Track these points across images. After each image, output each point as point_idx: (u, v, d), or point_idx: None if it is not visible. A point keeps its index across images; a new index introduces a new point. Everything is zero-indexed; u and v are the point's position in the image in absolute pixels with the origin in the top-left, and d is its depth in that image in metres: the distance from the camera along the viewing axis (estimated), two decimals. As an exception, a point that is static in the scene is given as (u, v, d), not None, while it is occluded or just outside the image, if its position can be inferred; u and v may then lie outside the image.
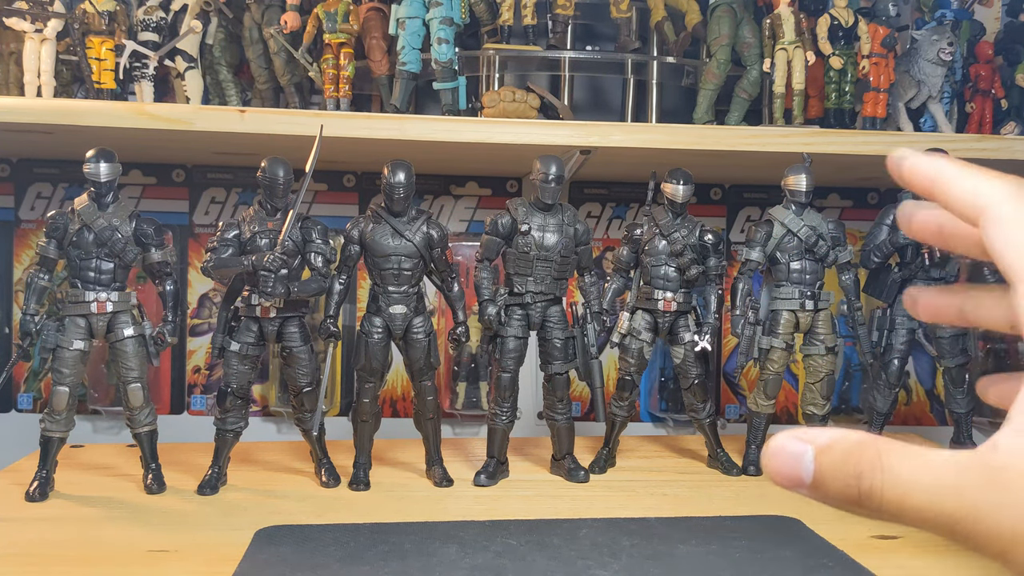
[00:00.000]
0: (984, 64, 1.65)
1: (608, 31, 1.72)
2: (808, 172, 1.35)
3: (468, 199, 1.85)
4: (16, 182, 1.76)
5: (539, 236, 1.30)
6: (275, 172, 1.23)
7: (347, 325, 1.74)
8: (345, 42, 1.53)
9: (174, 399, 1.79)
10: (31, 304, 1.23)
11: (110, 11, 1.49)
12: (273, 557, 0.95)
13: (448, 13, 1.44)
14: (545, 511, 1.17)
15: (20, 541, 1.04)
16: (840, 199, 1.91)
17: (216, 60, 1.60)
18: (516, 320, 1.32)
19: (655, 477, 1.38)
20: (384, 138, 1.37)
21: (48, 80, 1.46)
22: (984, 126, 1.65)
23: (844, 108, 1.59)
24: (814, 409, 1.42)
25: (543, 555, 0.94)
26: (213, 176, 1.79)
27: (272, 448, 1.51)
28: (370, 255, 1.28)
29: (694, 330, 1.39)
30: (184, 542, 1.03)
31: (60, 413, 1.22)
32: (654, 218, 1.39)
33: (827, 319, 1.39)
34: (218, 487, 1.26)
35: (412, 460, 1.41)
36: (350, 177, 1.82)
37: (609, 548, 0.97)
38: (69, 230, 1.22)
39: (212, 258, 1.23)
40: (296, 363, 1.27)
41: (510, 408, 1.33)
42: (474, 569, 0.90)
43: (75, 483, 1.28)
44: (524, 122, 1.42)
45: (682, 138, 1.41)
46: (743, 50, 1.58)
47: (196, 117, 1.35)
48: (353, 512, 1.17)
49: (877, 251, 1.42)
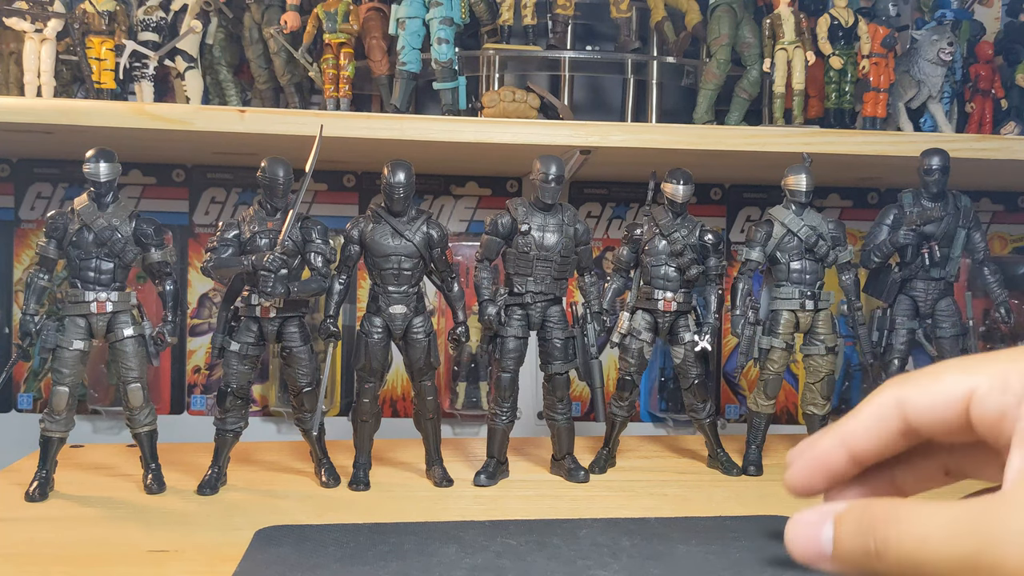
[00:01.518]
0: (984, 64, 1.65)
1: (608, 31, 1.72)
2: (808, 172, 1.35)
3: (468, 199, 1.85)
4: (16, 182, 1.76)
5: (539, 236, 1.30)
6: (275, 172, 1.23)
7: (347, 325, 1.74)
8: (345, 42, 1.53)
9: (174, 399, 1.79)
10: (31, 304, 1.23)
11: (110, 11, 1.49)
12: (273, 557, 0.95)
13: (448, 13, 1.44)
14: (545, 511, 1.17)
15: (20, 541, 1.04)
16: (840, 199, 1.91)
17: (216, 60, 1.60)
18: (516, 320, 1.32)
19: (655, 477, 1.38)
20: (384, 138, 1.37)
21: (48, 80, 1.46)
22: (984, 126, 1.65)
23: (844, 108, 1.59)
24: (814, 409, 1.42)
25: (543, 555, 0.94)
26: (213, 176, 1.79)
27: (272, 448, 1.51)
28: (370, 255, 1.28)
29: (694, 330, 1.39)
30: (184, 542, 1.03)
31: (60, 413, 1.22)
32: (654, 218, 1.39)
33: (827, 319, 1.39)
34: (218, 487, 1.26)
35: (412, 460, 1.41)
36: (350, 177, 1.82)
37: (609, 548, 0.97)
38: (69, 230, 1.22)
39: (212, 258, 1.23)
40: (296, 363, 1.27)
41: (510, 408, 1.33)
42: (474, 569, 0.89)
43: (75, 483, 1.28)
44: (524, 122, 1.42)
45: (682, 138, 1.41)
46: (743, 50, 1.58)
47: (196, 117, 1.35)
48: (353, 512, 1.17)
49: (877, 251, 1.42)
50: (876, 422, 0.65)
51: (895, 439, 0.65)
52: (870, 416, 0.66)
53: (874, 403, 0.66)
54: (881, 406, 0.65)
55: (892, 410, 0.65)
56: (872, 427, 0.65)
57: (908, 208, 1.41)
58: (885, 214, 1.43)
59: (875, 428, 0.65)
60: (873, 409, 0.66)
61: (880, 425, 0.65)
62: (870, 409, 0.66)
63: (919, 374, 0.66)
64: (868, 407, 0.66)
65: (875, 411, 0.66)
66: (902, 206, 1.41)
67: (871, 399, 0.67)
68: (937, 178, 1.37)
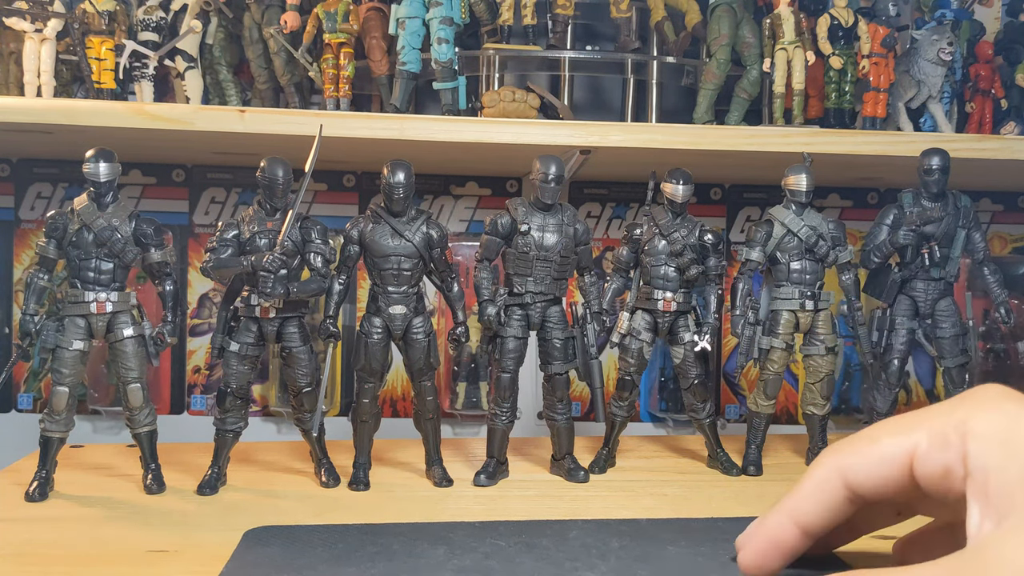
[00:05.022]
0: (984, 64, 1.65)
1: (608, 31, 1.72)
2: (808, 172, 1.35)
3: (468, 199, 1.85)
4: (16, 182, 1.76)
5: (539, 236, 1.30)
6: (275, 172, 1.23)
7: (347, 325, 1.74)
8: (345, 42, 1.53)
9: (174, 399, 1.79)
10: (31, 304, 1.23)
11: (110, 11, 1.49)
12: (261, 558, 0.94)
13: (448, 13, 1.44)
14: (545, 511, 1.17)
15: (20, 541, 1.04)
16: (840, 199, 1.91)
17: (216, 60, 1.60)
18: (516, 320, 1.32)
19: (655, 477, 1.38)
20: (384, 138, 1.37)
21: (48, 80, 1.46)
22: (984, 126, 1.66)
23: (844, 108, 1.59)
24: (814, 409, 1.42)
25: (531, 556, 0.94)
26: (213, 176, 1.79)
27: (272, 448, 1.51)
28: (369, 255, 1.28)
29: (694, 330, 1.39)
30: (184, 542, 1.03)
31: (60, 413, 1.22)
32: (654, 218, 1.39)
33: (827, 319, 1.39)
34: (218, 487, 1.26)
35: (412, 460, 1.41)
36: (350, 177, 1.82)
37: (598, 550, 0.96)
38: (69, 230, 1.22)
39: (211, 258, 1.23)
40: (296, 363, 1.27)
41: (510, 408, 1.33)
42: (461, 571, 0.89)
43: (75, 483, 1.28)
44: (524, 122, 1.42)
45: (682, 138, 1.41)
46: (743, 50, 1.58)
47: (196, 117, 1.35)
48: (353, 512, 1.17)
49: (877, 251, 1.42)
50: (821, 495, 0.65)
51: (842, 507, 0.65)
52: (814, 490, 0.66)
53: (815, 477, 0.66)
54: (824, 480, 0.65)
55: (835, 481, 0.65)
56: (818, 500, 0.65)
57: (908, 208, 1.41)
58: (885, 214, 1.43)
59: (821, 501, 0.65)
60: (816, 483, 0.66)
61: (825, 497, 0.65)
62: (813, 483, 0.66)
63: (856, 440, 0.66)
64: (810, 481, 0.66)
65: (818, 484, 0.66)
66: (902, 206, 1.41)
67: (811, 472, 0.67)
68: (937, 178, 1.37)
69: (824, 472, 0.66)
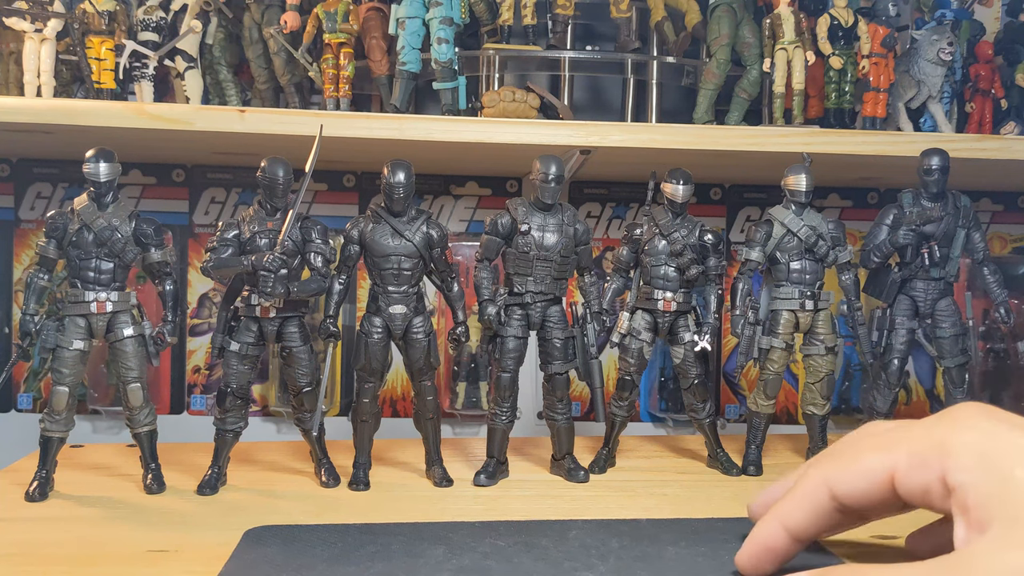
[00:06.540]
0: (984, 64, 1.65)
1: (608, 31, 1.72)
2: (808, 172, 1.35)
3: (468, 199, 1.85)
4: (16, 182, 1.76)
5: (539, 236, 1.30)
6: (275, 172, 1.23)
7: (347, 325, 1.74)
8: (345, 42, 1.53)
9: (174, 399, 1.79)
10: (31, 304, 1.23)
11: (110, 11, 1.49)
12: (259, 558, 0.94)
13: (448, 13, 1.44)
14: (545, 511, 1.17)
15: (20, 541, 1.04)
16: (840, 199, 1.91)
17: (216, 60, 1.60)
18: (516, 320, 1.32)
19: (655, 477, 1.38)
20: (383, 138, 1.37)
21: (48, 80, 1.46)
22: (984, 126, 1.66)
23: (844, 108, 1.59)
24: (814, 409, 1.42)
25: (530, 556, 0.94)
26: (213, 176, 1.79)
27: (272, 448, 1.51)
28: (370, 255, 1.28)
29: (694, 330, 1.39)
30: (184, 542, 1.03)
31: (60, 413, 1.22)
32: (654, 218, 1.39)
33: (827, 319, 1.39)
34: (218, 487, 1.26)
35: (412, 460, 1.41)
36: (350, 177, 1.82)
37: (598, 550, 0.96)
38: (69, 230, 1.22)
39: (212, 258, 1.23)
40: (296, 363, 1.27)
41: (510, 408, 1.33)
42: (460, 570, 0.89)
43: (75, 483, 1.28)
44: (524, 122, 1.42)
45: (682, 138, 1.41)
46: (743, 50, 1.58)
47: (196, 117, 1.35)
48: (353, 512, 1.17)
49: (877, 251, 1.42)
50: (810, 504, 0.69)
51: (830, 515, 0.69)
52: (804, 499, 0.69)
53: (805, 487, 0.70)
54: (812, 490, 0.69)
55: (823, 492, 0.68)
56: (806, 510, 0.69)
57: (908, 208, 1.41)
58: (885, 214, 1.43)
59: (811, 509, 0.69)
60: (805, 493, 0.70)
61: (814, 507, 0.69)
62: (802, 493, 0.70)
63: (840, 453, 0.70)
64: (800, 490, 0.70)
65: (807, 494, 0.70)
66: (902, 206, 1.41)
67: (801, 482, 0.71)
68: (937, 178, 1.37)
69: (812, 483, 0.70)
